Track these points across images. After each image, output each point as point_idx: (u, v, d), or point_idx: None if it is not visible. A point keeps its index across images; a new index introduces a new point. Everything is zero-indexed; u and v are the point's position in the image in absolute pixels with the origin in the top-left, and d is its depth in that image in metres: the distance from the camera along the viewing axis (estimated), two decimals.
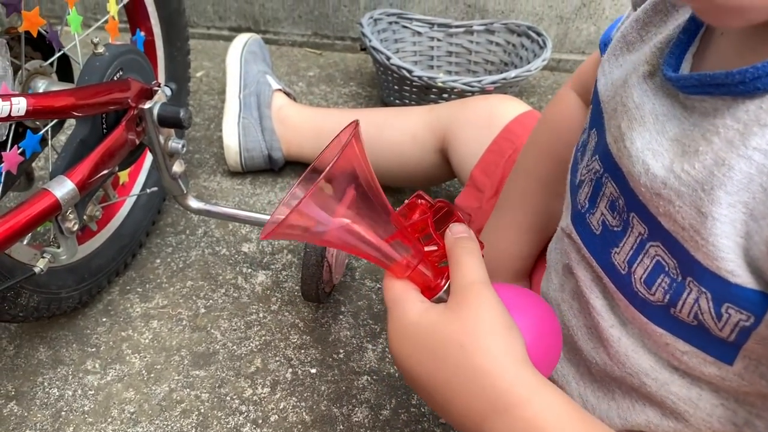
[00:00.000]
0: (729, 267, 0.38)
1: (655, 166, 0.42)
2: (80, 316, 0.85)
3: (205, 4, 1.37)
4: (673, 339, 0.44)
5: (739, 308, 0.38)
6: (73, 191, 0.64)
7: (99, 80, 0.69)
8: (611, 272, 0.48)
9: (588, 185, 0.52)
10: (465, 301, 0.42)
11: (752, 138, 0.36)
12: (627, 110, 0.47)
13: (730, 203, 0.37)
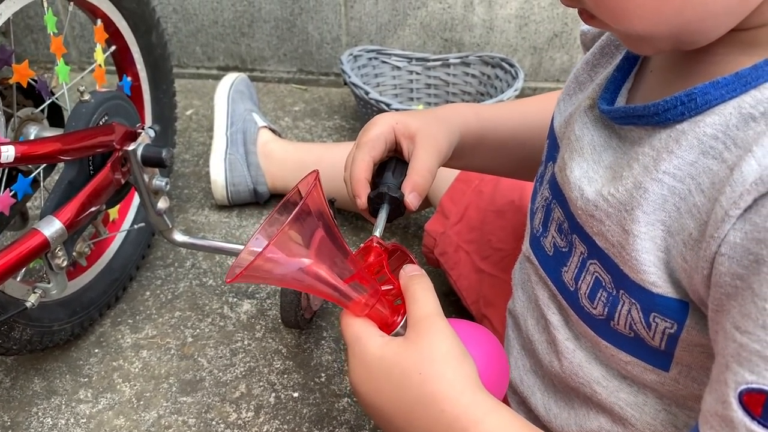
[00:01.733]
0: (651, 279, 0.42)
1: (588, 191, 0.47)
2: (73, 348, 0.89)
3: (194, 46, 1.44)
4: (617, 351, 0.48)
5: (663, 317, 0.43)
6: (61, 230, 0.69)
7: (85, 126, 0.74)
8: (563, 289, 0.53)
9: (541, 211, 0.57)
10: (422, 332, 0.45)
11: (662, 163, 0.41)
12: (570, 142, 0.52)
13: (648, 222, 0.42)
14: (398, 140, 0.62)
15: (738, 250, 0.35)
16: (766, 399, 0.34)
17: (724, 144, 0.38)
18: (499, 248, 0.86)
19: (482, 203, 0.90)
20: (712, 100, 0.39)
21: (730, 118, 0.38)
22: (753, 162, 0.35)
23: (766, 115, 0.36)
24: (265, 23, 1.39)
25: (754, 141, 0.36)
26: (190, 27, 1.41)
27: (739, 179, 0.35)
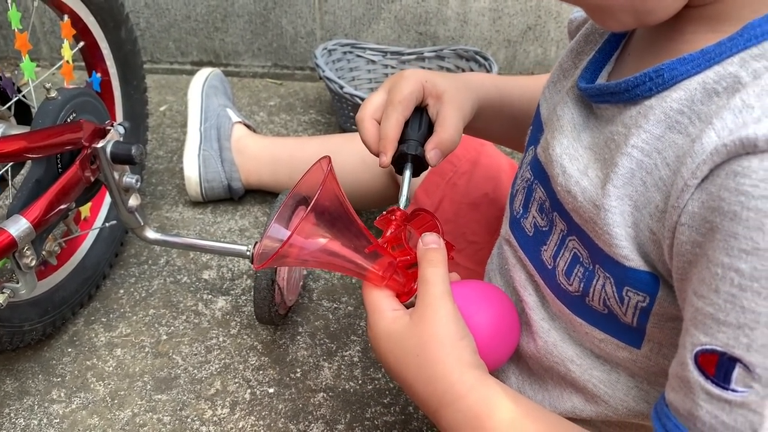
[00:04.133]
0: (623, 252, 0.44)
1: (570, 168, 0.49)
2: (46, 348, 0.89)
3: (167, 41, 1.42)
4: (591, 328, 0.50)
5: (636, 290, 0.44)
6: (29, 229, 0.68)
7: (52, 123, 0.73)
8: (541, 269, 0.54)
9: (521, 193, 0.58)
10: (425, 317, 0.49)
11: (631, 138, 0.43)
12: (552, 122, 0.53)
13: (618, 196, 0.43)
14: (425, 97, 0.64)
15: (696, 219, 0.37)
16: (718, 359, 0.35)
17: (689, 118, 0.40)
18: (474, 241, 0.87)
19: (456, 196, 0.90)
20: (678, 76, 0.40)
21: (695, 93, 0.39)
22: (712, 133, 0.36)
23: (727, 90, 0.38)
24: (239, 18, 1.38)
25: (716, 114, 0.37)
26: (162, 22, 1.39)
27: (699, 150, 0.36)
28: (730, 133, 0.35)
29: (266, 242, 0.51)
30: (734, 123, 0.36)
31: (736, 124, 0.35)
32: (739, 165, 0.34)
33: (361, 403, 0.83)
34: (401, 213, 0.57)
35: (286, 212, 0.55)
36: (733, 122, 0.36)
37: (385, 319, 0.50)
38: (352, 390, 0.84)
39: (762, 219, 0.33)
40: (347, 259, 0.50)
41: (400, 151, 0.61)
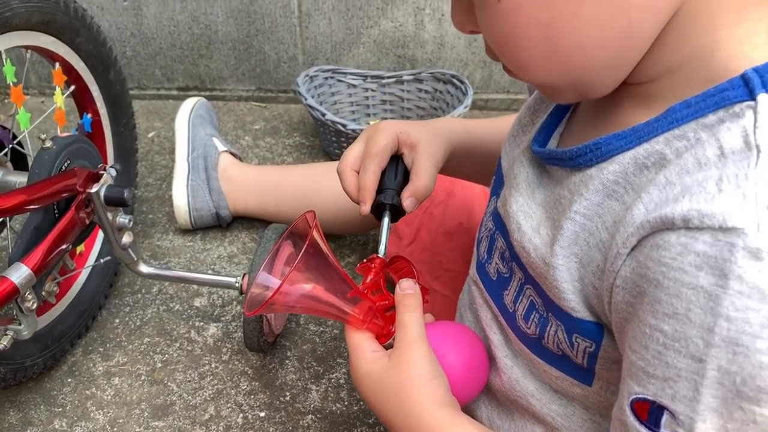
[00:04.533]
0: (571, 305, 0.48)
1: (525, 225, 0.54)
2: (47, 379, 0.93)
3: (153, 68, 1.46)
4: (548, 367, 0.54)
5: (583, 337, 0.49)
6: (29, 276, 0.73)
7: (48, 172, 0.78)
8: (503, 311, 0.59)
9: (486, 240, 0.63)
10: (402, 358, 0.54)
11: (574, 204, 0.47)
12: (510, 178, 0.59)
13: (564, 255, 0.48)
14: (400, 147, 0.70)
15: (628, 282, 0.41)
16: (649, 406, 0.40)
17: (624, 188, 0.44)
18: (449, 269, 0.92)
19: (433, 225, 0.95)
20: (614, 150, 0.45)
21: (628, 166, 0.44)
22: (641, 206, 0.41)
23: (655, 165, 0.42)
24: (222, 45, 1.42)
25: (645, 187, 0.42)
26: (148, 50, 1.43)
27: (630, 221, 0.41)
28: (655, 207, 0.40)
29: (255, 290, 0.57)
30: (658, 198, 0.40)
31: (660, 199, 0.40)
32: (661, 239, 0.39)
33: (347, 424, 0.88)
34: (380, 261, 0.62)
35: (273, 261, 0.61)
36: (657, 197, 0.40)
37: (366, 359, 0.55)
38: (339, 411, 0.89)
39: (679, 288, 0.38)
40: (330, 304, 0.55)
41: (378, 200, 0.67)
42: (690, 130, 0.41)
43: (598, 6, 0.40)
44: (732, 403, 0.37)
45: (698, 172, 0.39)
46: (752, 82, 0.38)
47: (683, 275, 0.37)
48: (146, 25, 1.39)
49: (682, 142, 0.41)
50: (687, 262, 0.37)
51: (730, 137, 0.38)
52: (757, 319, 0.35)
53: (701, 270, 0.36)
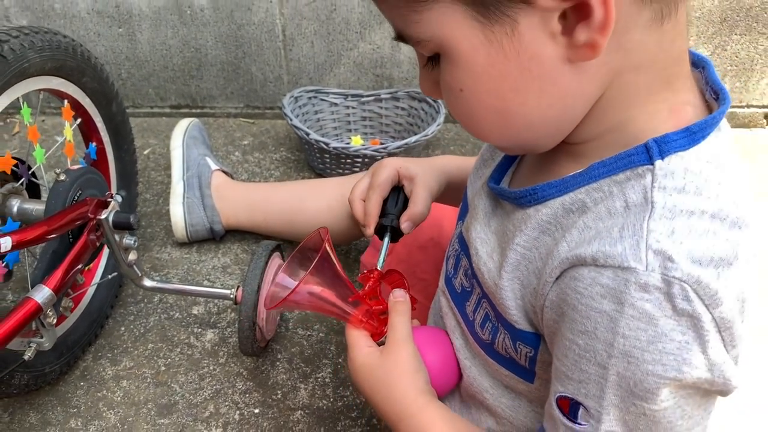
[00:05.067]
0: (514, 318, 0.59)
1: (481, 251, 0.65)
2: (62, 383, 1.03)
3: (147, 88, 1.56)
4: (499, 367, 0.66)
5: (524, 344, 0.60)
6: (51, 295, 0.83)
7: (63, 203, 0.88)
8: (465, 319, 0.70)
9: (453, 258, 0.74)
10: (391, 354, 0.66)
11: (516, 237, 0.58)
12: (472, 207, 0.70)
13: (509, 278, 0.59)
14: (401, 179, 0.85)
15: (554, 304, 0.52)
16: (569, 402, 0.52)
17: (555, 227, 0.55)
18: (423, 278, 1.03)
19: (408, 239, 1.06)
20: (547, 196, 0.55)
21: (558, 210, 0.54)
22: (565, 244, 0.51)
23: (578, 210, 0.53)
24: (212, 66, 1.52)
25: (569, 228, 0.52)
26: (142, 72, 1.53)
27: (556, 255, 0.52)
28: (575, 246, 0.50)
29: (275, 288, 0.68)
30: (578, 238, 0.51)
31: (579, 239, 0.51)
32: (577, 272, 0.49)
33: (333, 418, 0.99)
34: (378, 272, 0.74)
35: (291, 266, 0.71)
36: (577, 237, 0.51)
37: (362, 353, 0.67)
38: (325, 407, 1.01)
39: (589, 311, 0.48)
40: (335, 305, 0.67)
41: (380, 223, 0.82)
42: (605, 184, 0.51)
43: (541, 96, 0.50)
44: (628, 401, 0.49)
45: (608, 219, 0.49)
46: (652, 150, 0.49)
47: (592, 301, 0.48)
48: (140, 49, 1.49)
49: (599, 193, 0.52)
50: (595, 291, 0.48)
51: (633, 193, 0.49)
52: (645, 337, 0.46)
53: (605, 298, 0.47)
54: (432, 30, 0.49)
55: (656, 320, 0.46)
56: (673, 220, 0.46)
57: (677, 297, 0.45)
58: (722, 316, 0.46)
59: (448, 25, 0.48)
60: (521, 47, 0.47)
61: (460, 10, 0.47)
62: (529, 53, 0.47)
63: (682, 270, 0.45)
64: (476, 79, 0.50)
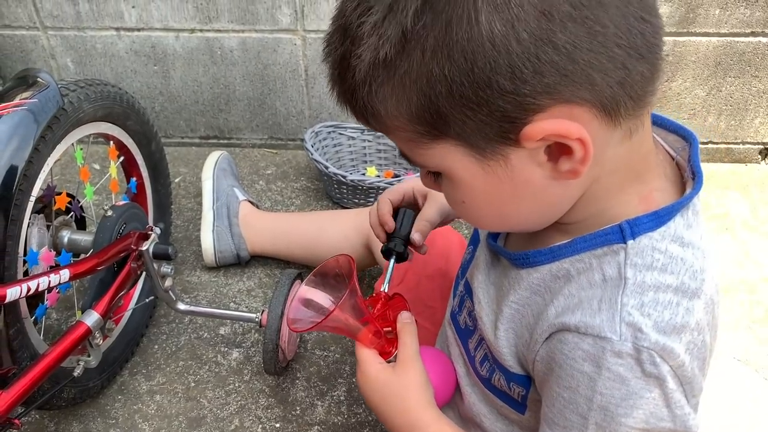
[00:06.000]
0: (509, 363, 0.68)
1: (483, 300, 0.73)
2: (101, 396, 1.14)
3: (178, 120, 1.68)
4: (495, 398, 0.74)
5: (517, 385, 0.69)
6: (99, 320, 0.94)
7: (110, 236, 0.99)
8: (467, 353, 0.79)
9: (458, 297, 0.83)
10: (404, 370, 0.72)
11: (511, 295, 0.67)
12: (477, 257, 0.78)
13: (505, 329, 0.67)
14: (416, 196, 0.92)
15: (543, 360, 0.61)
16: None
17: (544, 289, 0.63)
18: (430, 306, 1.12)
19: (417, 269, 1.16)
20: (537, 262, 0.63)
21: (546, 275, 0.63)
22: (552, 309, 0.60)
23: (564, 277, 0.61)
24: (239, 101, 1.63)
25: (556, 293, 0.61)
26: (174, 106, 1.65)
27: (545, 318, 0.60)
28: (562, 311, 0.59)
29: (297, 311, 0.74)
30: (564, 304, 0.59)
31: (565, 305, 0.59)
32: (563, 336, 0.58)
33: None
34: (385, 295, 0.81)
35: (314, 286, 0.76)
36: (563, 303, 0.59)
37: (374, 369, 0.73)
38: (340, 423, 1.10)
39: (572, 371, 0.57)
40: (350, 326, 0.72)
41: (388, 246, 0.88)
42: (586, 257, 0.60)
43: (533, 204, 0.58)
44: None
45: (589, 289, 0.58)
46: (625, 231, 0.57)
47: (575, 363, 0.57)
48: (173, 85, 1.61)
49: (581, 264, 0.60)
50: (577, 355, 0.57)
51: (609, 268, 0.58)
52: (619, 394, 0.55)
53: (585, 361, 0.56)
54: (435, 162, 0.57)
55: (628, 381, 0.55)
56: (642, 295, 0.55)
57: (646, 362, 0.54)
58: (684, 374, 0.55)
59: (450, 159, 0.55)
60: (513, 174, 0.54)
61: (461, 150, 0.54)
62: (520, 178, 0.55)
63: (649, 340, 0.54)
64: (475, 196, 0.59)
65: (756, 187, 1.61)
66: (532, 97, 0.48)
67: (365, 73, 0.51)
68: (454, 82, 0.48)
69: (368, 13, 0.50)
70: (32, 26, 1.53)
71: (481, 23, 0.46)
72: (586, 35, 0.47)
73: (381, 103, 0.53)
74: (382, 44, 0.49)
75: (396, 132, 0.56)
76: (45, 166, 0.90)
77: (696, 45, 1.49)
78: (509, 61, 0.46)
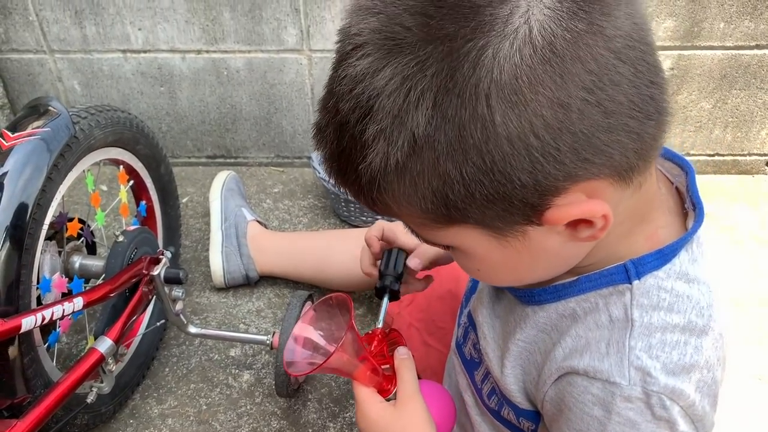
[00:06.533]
0: (517, 399, 0.68)
1: (488, 335, 0.73)
2: (114, 421, 1.14)
3: (185, 140, 1.68)
4: (505, 429, 0.74)
5: (526, 419, 0.69)
6: (112, 346, 0.94)
7: (122, 261, 0.99)
8: (474, 384, 0.79)
9: (462, 328, 0.83)
10: (406, 407, 0.69)
11: (518, 333, 0.66)
12: (480, 290, 0.77)
13: (512, 366, 0.67)
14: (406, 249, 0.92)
15: (553, 400, 0.61)
16: None
17: (551, 328, 0.63)
18: (441, 326, 1.12)
19: (428, 291, 1.15)
20: (543, 301, 0.63)
21: (552, 314, 0.63)
22: (560, 350, 0.60)
23: (571, 316, 0.61)
24: (246, 121, 1.64)
25: (563, 333, 0.60)
26: (181, 126, 1.65)
27: (553, 359, 0.60)
28: (570, 353, 0.58)
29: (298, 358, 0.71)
30: (572, 345, 0.59)
31: (573, 346, 0.59)
32: (572, 378, 0.58)
33: None
34: (381, 331, 0.81)
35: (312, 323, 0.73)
36: (571, 344, 0.59)
37: (375, 408, 0.70)
38: None
39: (582, 414, 0.57)
40: (349, 365, 0.71)
41: (381, 283, 0.88)
42: (592, 296, 0.59)
43: (548, 265, 0.58)
44: None
45: (596, 330, 0.58)
46: (630, 271, 0.57)
47: (584, 407, 0.57)
48: (180, 105, 1.62)
49: (587, 303, 0.60)
50: (587, 399, 0.57)
51: (615, 309, 0.57)
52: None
53: (595, 405, 0.56)
54: (448, 241, 0.55)
55: (639, 425, 0.55)
56: (649, 337, 0.55)
57: (656, 406, 0.54)
58: (695, 413, 0.55)
59: (464, 238, 0.54)
60: (531, 245, 0.53)
61: (477, 231, 0.52)
62: (538, 248, 0.53)
63: (659, 384, 0.54)
64: (491, 266, 0.58)
65: (763, 199, 1.61)
66: (553, 185, 0.47)
67: (372, 176, 0.48)
68: (471, 181, 0.46)
69: (370, 118, 0.46)
70: (39, 50, 1.54)
71: (497, 123, 0.44)
72: (602, 117, 0.46)
73: (390, 199, 0.51)
74: (392, 152, 0.46)
75: (406, 217, 0.54)
76: (57, 194, 0.90)
77: (701, 58, 1.49)
78: (529, 157, 0.45)
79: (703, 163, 1.67)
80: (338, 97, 0.48)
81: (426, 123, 0.45)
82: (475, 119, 0.44)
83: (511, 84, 0.43)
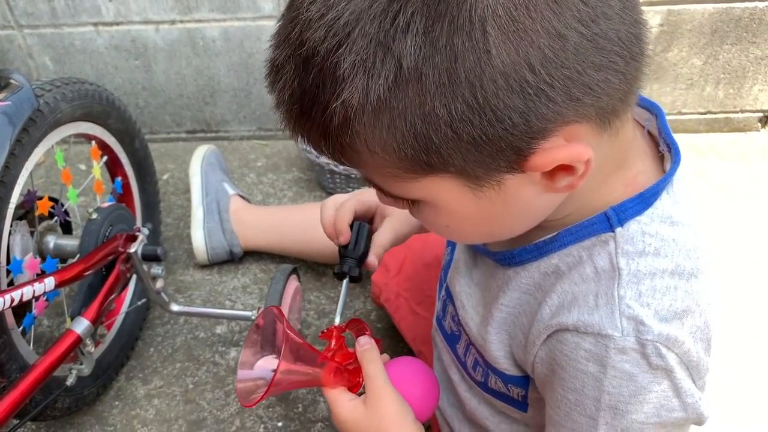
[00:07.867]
0: (504, 366, 0.66)
1: (467, 304, 0.70)
2: (98, 403, 1.11)
3: (163, 116, 1.63)
4: (495, 400, 0.72)
5: (515, 385, 0.67)
6: (89, 326, 0.91)
7: (96, 239, 0.95)
8: (458, 359, 0.76)
9: (441, 302, 0.80)
10: (375, 402, 0.66)
11: (501, 298, 0.64)
12: (456, 260, 0.75)
13: (496, 332, 0.65)
14: (377, 214, 0.86)
15: (544, 361, 0.58)
16: None
17: (534, 288, 0.60)
18: (430, 295, 1.10)
19: (415, 257, 1.13)
20: (524, 260, 0.60)
21: (534, 273, 0.60)
22: (547, 309, 0.57)
23: (554, 273, 0.58)
24: (225, 93, 1.59)
25: (548, 291, 0.58)
26: (158, 100, 1.60)
27: (540, 318, 0.57)
28: (556, 310, 0.56)
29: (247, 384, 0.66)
30: (558, 302, 0.56)
31: (559, 303, 0.56)
32: (562, 336, 0.55)
33: None
34: (337, 327, 0.74)
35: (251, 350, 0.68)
36: (557, 301, 0.56)
37: (345, 408, 0.67)
38: None
39: (576, 372, 0.54)
40: (307, 374, 0.66)
41: (341, 268, 0.82)
42: (574, 250, 0.57)
43: (520, 218, 0.54)
44: None
45: (582, 284, 0.55)
46: (612, 218, 0.54)
47: (578, 364, 0.54)
48: (156, 79, 1.56)
49: (570, 258, 0.57)
50: (580, 355, 0.54)
51: (600, 260, 0.55)
52: (627, 392, 0.53)
53: (589, 361, 0.54)
54: (418, 194, 0.51)
55: (635, 377, 0.52)
56: (638, 284, 0.53)
57: (651, 355, 0.52)
58: (691, 359, 0.53)
59: (437, 190, 0.50)
60: (506, 196, 0.49)
61: (452, 181, 0.48)
62: (512, 197, 0.50)
63: (652, 332, 0.51)
64: (462, 220, 0.54)
65: (757, 156, 1.58)
66: (543, 126, 0.44)
67: (345, 118, 0.44)
68: (459, 121, 0.42)
69: (346, 47, 0.41)
70: (7, 25, 1.48)
71: (492, 54, 0.40)
72: (595, 53, 0.43)
73: (362, 145, 0.46)
74: (373, 87, 0.42)
75: (373, 168, 0.49)
76: (23, 171, 0.86)
77: (691, 13, 1.45)
78: (522, 93, 0.42)
79: (696, 121, 1.63)
80: (304, 26, 0.43)
81: (415, 52, 0.40)
82: (468, 49, 0.40)
83: (508, 10, 0.40)
